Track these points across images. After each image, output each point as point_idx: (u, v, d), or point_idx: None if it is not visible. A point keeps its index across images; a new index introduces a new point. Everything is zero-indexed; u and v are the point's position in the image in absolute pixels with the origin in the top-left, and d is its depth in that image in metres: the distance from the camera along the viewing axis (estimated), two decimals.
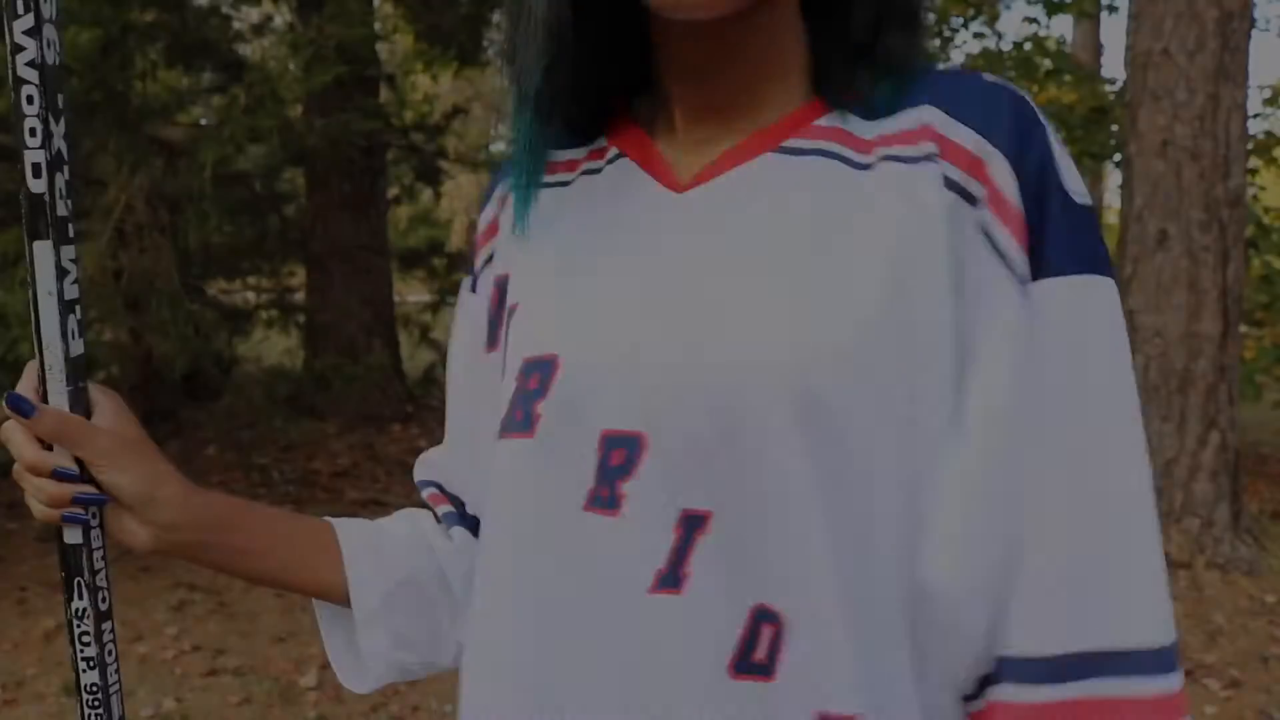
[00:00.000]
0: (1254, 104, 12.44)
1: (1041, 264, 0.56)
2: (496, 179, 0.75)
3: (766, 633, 0.55)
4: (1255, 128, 6.89)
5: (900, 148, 0.58)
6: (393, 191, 7.89)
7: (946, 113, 0.58)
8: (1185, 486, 4.29)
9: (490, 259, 0.73)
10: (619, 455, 0.58)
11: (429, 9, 6.07)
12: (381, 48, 8.41)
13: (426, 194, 8.87)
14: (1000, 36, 8.06)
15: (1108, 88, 6.67)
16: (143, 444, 0.67)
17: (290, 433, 4.89)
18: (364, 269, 6.85)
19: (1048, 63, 6.87)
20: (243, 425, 5.92)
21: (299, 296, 6.96)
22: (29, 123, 0.62)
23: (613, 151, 0.67)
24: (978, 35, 7.98)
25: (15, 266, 3.68)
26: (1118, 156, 6.14)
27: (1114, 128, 6.22)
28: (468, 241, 0.79)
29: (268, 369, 4.88)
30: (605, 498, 0.58)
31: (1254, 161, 6.16)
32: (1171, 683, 0.54)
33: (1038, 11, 7.42)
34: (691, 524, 0.56)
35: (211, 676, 3.26)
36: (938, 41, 7.89)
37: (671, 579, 0.56)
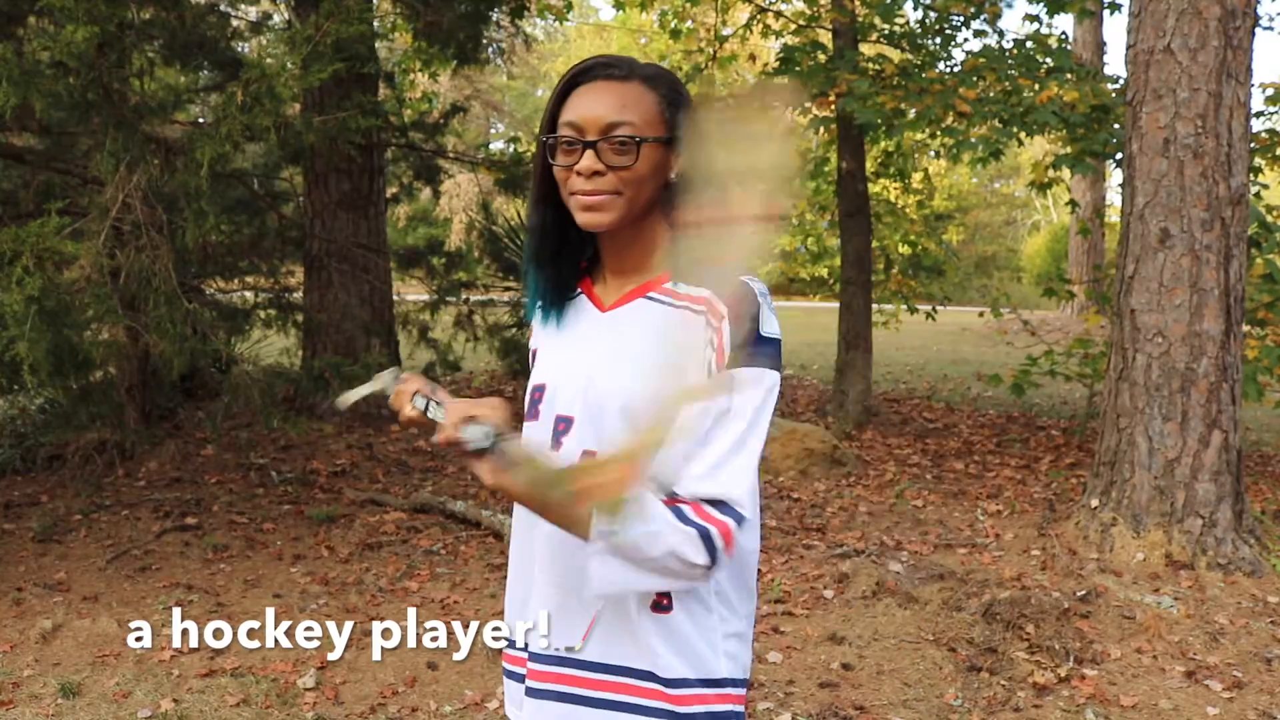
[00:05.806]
0: (1257, 102, 12.47)
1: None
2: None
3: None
4: (1258, 126, 6.87)
5: (695, 305, 1.20)
6: (391, 190, 7.87)
7: (717, 297, 1.21)
8: (1187, 486, 4.28)
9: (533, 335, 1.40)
10: (563, 425, 1.25)
11: (428, 6, 6.06)
12: (380, 45, 8.40)
13: (425, 193, 8.87)
14: (1002, 35, 8.02)
15: (1110, 86, 6.65)
16: None
17: (289, 432, 4.88)
18: (362, 268, 6.83)
19: (1049, 61, 6.86)
20: (241, 424, 5.91)
21: (297, 295, 6.96)
22: None
23: (579, 292, 1.33)
24: (979, 33, 7.94)
25: (12, 265, 3.67)
26: (1120, 155, 6.12)
27: (1116, 126, 6.20)
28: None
29: (266, 368, 4.86)
30: (556, 448, 1.25)
31: (1257, 160, 6.14)
32: None
33: (1039, 9, 7.39)
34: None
35: (209, 677, 3.25)
36: (938, 40, 7.86)
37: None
